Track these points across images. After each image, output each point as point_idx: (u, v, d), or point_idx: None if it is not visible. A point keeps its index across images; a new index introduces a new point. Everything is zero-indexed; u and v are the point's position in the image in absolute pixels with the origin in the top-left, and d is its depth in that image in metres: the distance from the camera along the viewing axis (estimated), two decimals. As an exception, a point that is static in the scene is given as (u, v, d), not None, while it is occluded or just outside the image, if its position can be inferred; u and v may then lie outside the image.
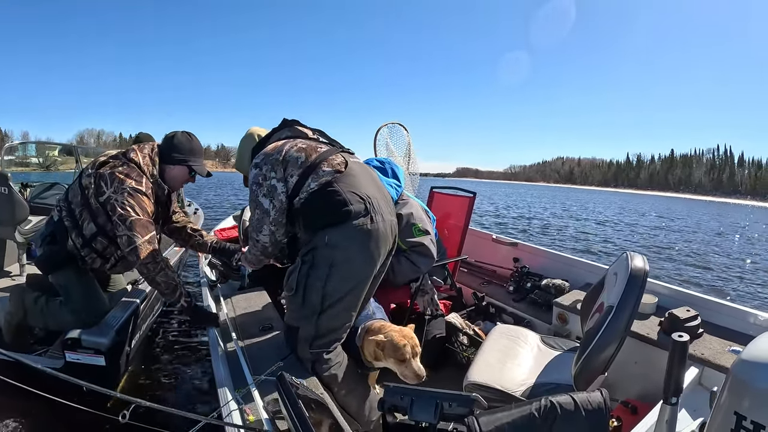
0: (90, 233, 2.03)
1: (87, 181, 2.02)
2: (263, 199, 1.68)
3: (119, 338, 2.03)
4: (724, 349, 1.79)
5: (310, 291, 1.61)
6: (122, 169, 2.01)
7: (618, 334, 1.41)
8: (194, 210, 5.23)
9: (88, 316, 2.05)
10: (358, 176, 1.68)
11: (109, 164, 2.04)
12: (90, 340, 1.91)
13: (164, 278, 1.98)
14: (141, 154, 2.10)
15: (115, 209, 1.92)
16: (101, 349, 1.91)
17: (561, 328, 2.45)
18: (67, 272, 2.10)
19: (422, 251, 2.41)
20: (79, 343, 1.90)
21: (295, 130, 1.89)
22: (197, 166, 2.23)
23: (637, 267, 1.49)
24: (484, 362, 1.83)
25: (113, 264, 2.17)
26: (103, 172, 1.99)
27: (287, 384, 1.17)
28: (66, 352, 1.92)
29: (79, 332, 1.93)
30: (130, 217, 1.92)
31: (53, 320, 2.14)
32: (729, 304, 2.07)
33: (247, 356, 1.76)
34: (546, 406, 1.11)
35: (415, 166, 3.81)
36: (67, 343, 1.91)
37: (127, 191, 1.95)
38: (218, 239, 2.62)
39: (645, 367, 1.97)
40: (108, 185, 1.96)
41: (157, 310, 2.84)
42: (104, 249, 2.08)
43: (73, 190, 2.09)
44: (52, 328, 2.18)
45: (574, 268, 2.94)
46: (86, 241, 2.04)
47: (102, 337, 1.94)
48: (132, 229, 1.91)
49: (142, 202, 1.98)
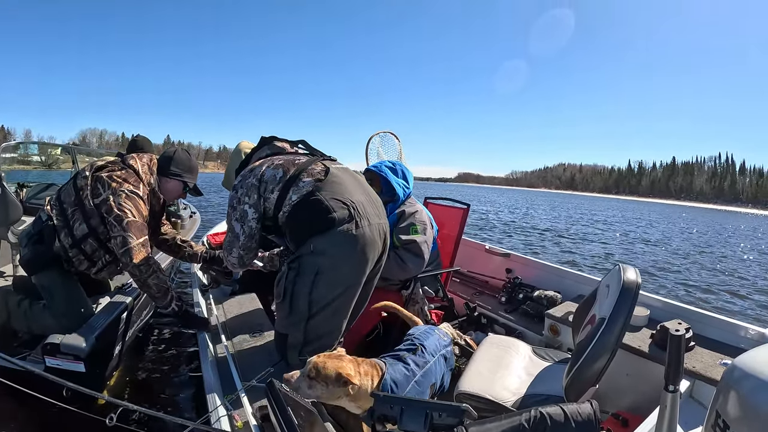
0: (81, 234, 2.03)
1: (83, 183, 2.03)
2: (235, 223, 1.73)
3: (100, 345, 1.97)
4: (715, 362, 1.80)
5: (297, 298, 1.61)
6: (120, 173, 2.04)
7: (609, 347, 1.41)
8: (190, 214, 5.16)
9: (69, 321, 2.01)
10: (341, 182, 1.68)
11: (107, 168, 2.07)
12: (68, 345, 1.85)
13: (156, 281, 1.97)
14: (140, 163, 2.15)
15: (111, 210, 1.94)
16: (80, 356, 1.85)
17: (552, 339, 2.45)
18: (51, 274, 2.07)
19: (413, 249, 2.41)
20: (58, 349, 1.85)
21: (274, 146, 1.92)
22: (192, 183, 2.29)
23: (629, 279, 1.49)
24: (475, 372, 1.82)
25: (100, 268, 2.16)
26: (101, 175, 2.02)
27: (277, 391, 1.16)
28: (45, 357, 1.87)
29: (59, 338, 1.88)
30: (127, 218, 1.93)
31: (36, 324, 2.10)
32: (720, 317, 2.08)
33: (237, 362, 1.75)
34: (536, 417, 1.11)
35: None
36: (46, 348, 1.86)
37: (125, 193, 1.98)
38: (208, 249, 2.61)
39: (636, 379, 1.97)
40: (105, 187, 1.98)
41: (145, 315, 2.80)
42: (93, 252, 2.07)
43: (67, 190, 2.09)
44: (35, 331, 2.13)
45: (566, 280, 2.95)
46: (75, 242, 2.03)
47: (81, 343, 1.87)
48: (127, 230, 1.92)
49: (138, 205, 2.01)
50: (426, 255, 2.47)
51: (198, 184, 2.34)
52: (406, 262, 2.40)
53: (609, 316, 1.44)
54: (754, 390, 0.91)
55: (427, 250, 2.48)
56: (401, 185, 2.60)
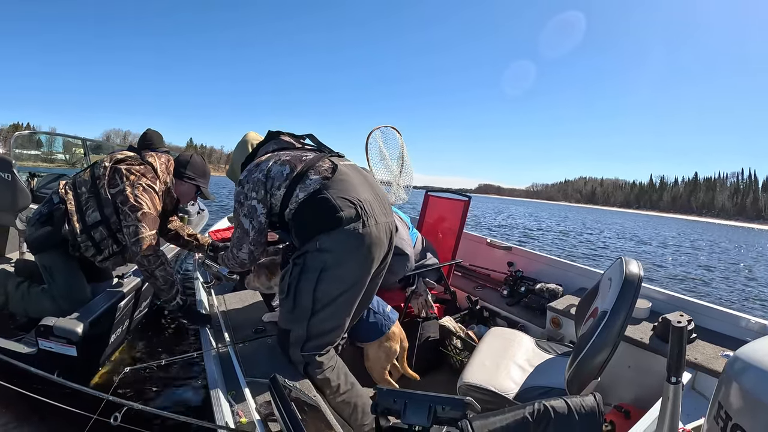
0: (92, 221, 2.07)
1: (101, 172, 2.09)
2: (244, 219, 1.73)
3: (93, 330, 1.97)
4: (717, 354, 1.80)
5: (301, 294, 1.61)
6: (139, 167, 2.11)
7: (612, 339, 1.41)
8: (198, 210, 5.12)
9: (66, 303, 2.04)
10: (348, 180, 1.67)
11: (126, 161, 2.13)
12: (62, 328, 1.84)
13: (163, 273, 2.01)
14: (159, 161, 2.22)
15: (127, 200, 1.99)
16: (72, 339, 1.84)
17: (554, 332, 2.46)
18: (54, 255, 2.11)
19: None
20: (51, 331, 1.84)
21: (281, 141, 1.91)
22: (204, 188, 2.37)
23: (631, 272, 1.49)
24: (478, 364, 1.83)
25: (106, 257, 2.18)
26: (120, 167, 2.08)
27: (280, 386, 1.16)
28: (39, 338, 1.87)
29: (53, 320, 1.87)
30: (142, 209, 1.99)
31: (33, 307, 2.13)
32: (722, 308, 2.08)
33: (240, 357, 1.75)
34: (539, 410, 1.11)
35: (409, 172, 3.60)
36: (39, 330, 1.86)
37: (143, 186, 2.05)
38: (213, 241, 2.67)
39: (638, 371, 1.98)
40: (123, 179, 2.04)
41: (144, 307, 2.80)
42: (101, 240, 2.11)
43: (83, 177, 2.14)
44: (32, 314, 2.15)
45: (568, 273, 2.95)
46: (86, 228, 2.07)
47: (74, 327, 1.86)
48: (141, 220, 1.98)
49: (154, 199, 2.07)
50: (409, 250, 2.46)
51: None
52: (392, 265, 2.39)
53: (611, 309, 1.44)
54: (756, 381, 0.91)
55: (408, 244, 2.46)
56: None
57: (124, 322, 2.44)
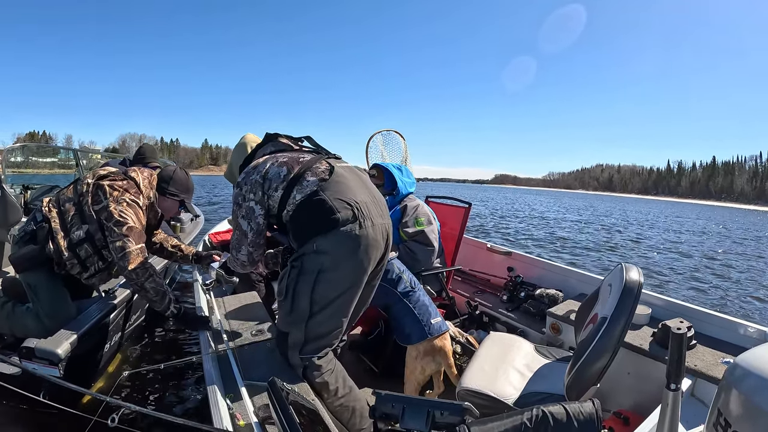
0: (77, 239, 2.05)
1: (84, 189, 2.08)
2: (242, 221, 1.73)
3: (77, 349, 1.95)
4: (717, 361, 1.80)
5: (299, 296, 1.61)
6: (122, 183, 2.11)
7: (611, 346, 1.41)
8: (191, 217, 5.08)
9: (50, 322, 2.01)
10: (345, 182, 1.67)
11: (109, 177, 2.12)
12: (43, 350, 1.83)
13: (153, 284, 2.00)
14: (141, 176, 2.21)
15: (111, 216, 1.98)
16: (54, 361, 1.84)
17: (554, 338, 2.45)
18: (38, 273, 2.08)
19: (421, 239, 2.42)
20: (33, 353, 1.84)
21: (278, 143, 1.90)
22: (188, 203, 2.37)
23: (631, 279, 1.49)
24: (477, 368, 1.83)
25: (92, 274, 2.17)
26: (102, 183, 2.07)
27: (278, 389, 1.16)
28: (22, 360, 1.85)
29: (34, 342, 1.87)
30: (127, 224, 1.99)
31: (18, 326, 2.08)
32: (722, 315, 2.08)
33: (239, 360, 1.75)
34: (538, 416, 1.11)
35: None
36: (22, 352, 1.85)
37: (126, 201, 2.04)
38: (198, 250, 2.64)
39: (638, 377, 1.97)
40: (107, 195, 2.03)
41: (139, 317, 2.80)
42: (87, 257, 2.10)
43: (65, 195, 2.13)
44: (18, 334, 2.10)
45: (568, 279, 2.95)
46: (71, 246, 2.05)
47: (55, 348, 1.85)
48: (128, 234, 1.97)
49: (138, 213, 2.07)
50: (435, 243, 2.49)
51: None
52: (416, 252, 2.41)
53: (611, 315, 1.44)
54: (755, 388, 0.90)
55: (435, 239, 2.50)
56: (404, 182, 2.67)
57: (115, 335, 2.43)
